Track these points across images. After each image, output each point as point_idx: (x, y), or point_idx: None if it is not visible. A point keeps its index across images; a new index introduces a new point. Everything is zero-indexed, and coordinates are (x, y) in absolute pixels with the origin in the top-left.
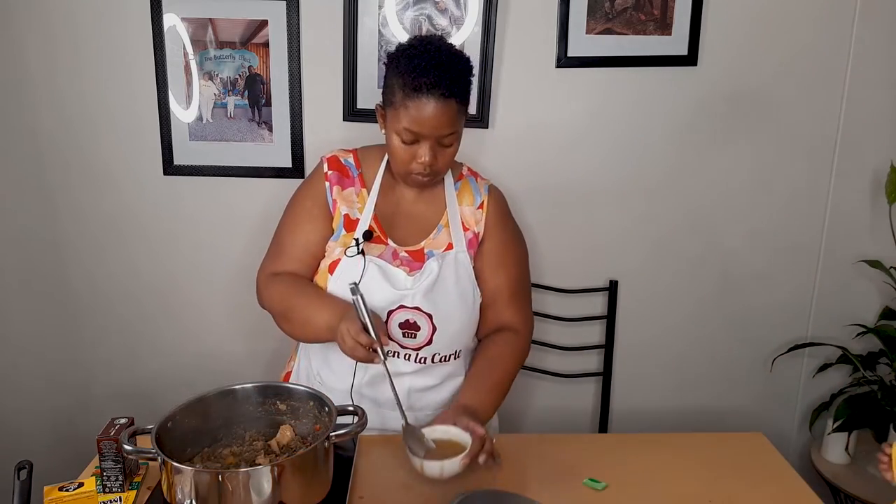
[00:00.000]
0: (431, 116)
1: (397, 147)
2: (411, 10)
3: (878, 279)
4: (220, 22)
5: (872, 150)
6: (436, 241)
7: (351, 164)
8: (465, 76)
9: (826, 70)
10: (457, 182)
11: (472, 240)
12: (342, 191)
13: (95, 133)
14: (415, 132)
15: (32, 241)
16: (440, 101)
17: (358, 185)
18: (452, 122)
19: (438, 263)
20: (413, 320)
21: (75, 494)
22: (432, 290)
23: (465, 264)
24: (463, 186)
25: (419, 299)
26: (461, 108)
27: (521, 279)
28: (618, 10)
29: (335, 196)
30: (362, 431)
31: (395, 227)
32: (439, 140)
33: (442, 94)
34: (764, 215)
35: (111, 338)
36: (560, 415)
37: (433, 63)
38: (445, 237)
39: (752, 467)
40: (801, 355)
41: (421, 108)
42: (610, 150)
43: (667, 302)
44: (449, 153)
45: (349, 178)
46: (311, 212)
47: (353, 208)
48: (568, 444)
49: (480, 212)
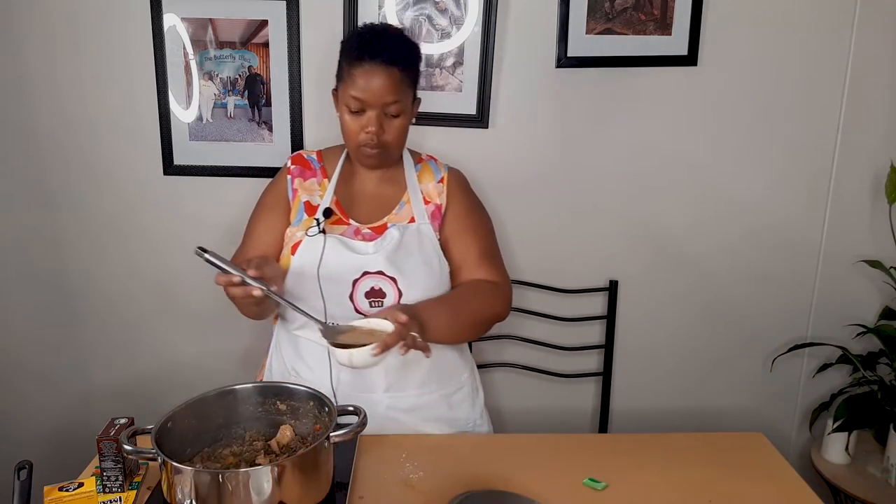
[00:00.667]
0: (374, 82)
1: (346, 120)
2: (411, 10)
3: (878, 279)
4: (220, 22)
5: (872, 150)
6: (398, 216)
7: (313, 159)
8: (409, 51)
9: (826, 70)
10: (417, 164)
11: (435, 212)
12: (304, 181)
13: (95, 133)
14: (360, 99)
15: (33, 240)
16: (382, 67)
17: (320, 176)
18: (396, 90)
19: (400, 232)
20: (378, 287)
21: (75, 494)
22: (395, 254)
23: (428, 235)
24: (423, 168)
25: (381, 262)
26: (406, 79)
27: (489, 244)
28: (618, 10)
29: (296, 186)
30: (362, 431)
31: (356, 208)
32: (385, 109)
33: (383, 61)
34: (764, 215)
35: (111, 338)
36: (560, 415)
37: (376, 35)
38: (408, 212)
39: (752, 467)
40: (801, 355)
41: (364, 74)
42: (610, 150)
43: (667, 302)
44: (397, 125)
45: (311, 170)
46: (270, 206)
47: (313, 195)
48: (568, 444)
49: (441, 185)
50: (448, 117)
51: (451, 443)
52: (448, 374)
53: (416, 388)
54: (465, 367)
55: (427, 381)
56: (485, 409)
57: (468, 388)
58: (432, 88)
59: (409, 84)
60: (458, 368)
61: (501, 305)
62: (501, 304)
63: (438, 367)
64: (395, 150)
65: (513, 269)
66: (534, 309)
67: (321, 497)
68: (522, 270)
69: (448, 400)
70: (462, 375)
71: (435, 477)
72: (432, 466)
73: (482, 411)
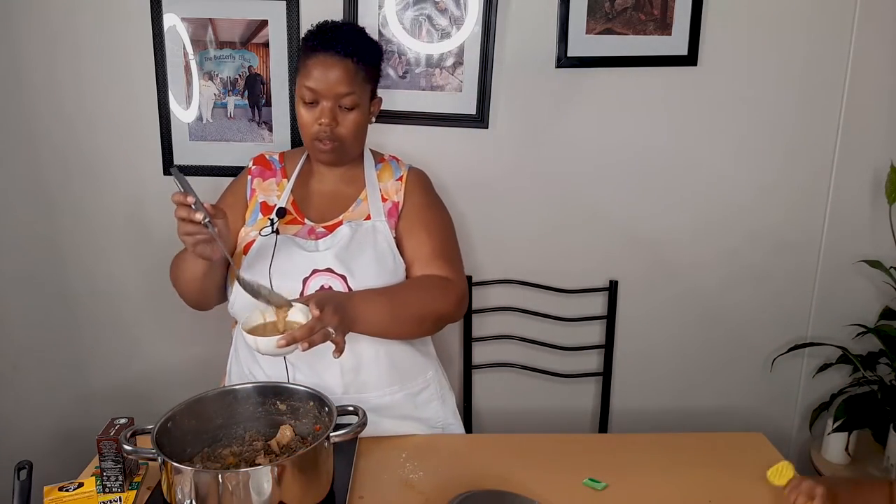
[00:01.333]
0: (327, 73)
1: (302, 113)
2: (411, 10)
3: (878, 279)
4: (220, 22)
5: (872, 150)
6: (354, 213)
7: (275, 160)
8: (366, 46)
9: (826, 70)
10: (378, 164)
11: (392, 209)
12: (262, 182)
13: (95, 133)
14: (313, 89)
15: (32, 241)
16: (335, 58)
17: (279, 176)
18: (349, 82)
19: (352, 229)
20: (328, 285)
21: (75, 494)
22: (345, 252)
23: (383, 232)
24: (384, 167)
25: (330, 260)
26: (361, 73)
27: (444, 242)
28: (618, 10)
29: (255, 186)
30: (362, 431)
31: (312, 207)
32: (339, 101)
33: (336, 52)
34: (764, 215)
35: (111, 338)
36: (560, 415)
37: (333, 28)
38: (364, 209)
39: (752, 467)
40: (801, 355)
41: (317, 64)
42: (610, 150)
43: (667, 302)
44: (351, 118)
45: (271, 171)
46: (229, 205)
47: (270, 195)
48: (568, 444)
49: (399, 183)
50: (448, 117)
51: (451, 443)
52: (410, 372)
53: (376, 390)
54: (428, 364)
55: (388, 381)
56: (457, 410)
57: (434, 387)
58: (432, 88)
59: (366, 79)
60: (421, 366)
61: (451, 304)
62: (451, 303)
63: (397, 367)
64: (351, 145)
65: (512, 269)
66: (534, 309)
67: (321, 497)
68: (522, 270)
69: (413, 399)
70: (426, 373)
71: (435, 477)
72: (432, 466)
73: (454, 412)
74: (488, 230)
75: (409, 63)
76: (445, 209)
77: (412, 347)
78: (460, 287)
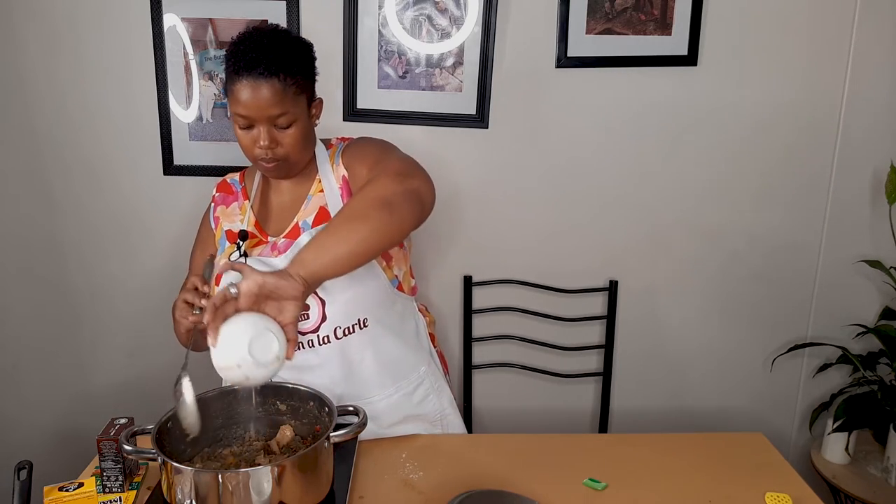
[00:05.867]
0: (254, 97)
1: (240, 135)
2: (411, 10)
3: (878, 279)
4: (220, 22)
5: (872, 150)
6: (306, 210)
7: (235, 181)
8: (290, 55)
9: (826, 70)
10: (328, 150)
11: (344, 182)
12: (226, 208)
13: (95, 133)
14: (243, 115)
15: (33, 241)
16: (260, 81)
17: (241, 199)
18: (279, 102)
19: (311, 235)
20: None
21: (75, 494)
22: None
23: None
24: (332, 153)
25: None
26: (290, 87)
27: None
28: (618, 11)
29: (218, 214)
30: (362, 432)
31: (271, 221)
32: (273, 122)
33: (260, 73)
34: (764, 215)
35: (111, 338)
36: (560, 415)
37: (251, 45)
38: (316, 202)
39: (752, 467)
40: (800, 355)
41: (243, 89)
42: (610, 150)
43: (667, 302)
44: (290, 135)
45: (232, 195)
46: (203, 238)
47: (234, 221)
48: (568, 444)
49: (340, 158)
50: (448, 117)
51: (451, 443)
52: (402, 371)
53: (371, 395)
54: (420, 360)
55: (381, 384)
56: (454, 400)
57: (429, 382)
58: (432, 88)
59: (298, 91)
60: (412, 363)
61: (391, 181)
62: (390, 180)
63: (388, 367)
64: (297, 158)
65: (513, 269)
66: (534, 309)
67: (321, 497)
68: (522, 270)
69: (410, 398)
70: (419, 369)
71: (435, 477)
72: (432, 466)
73: (451, 401)
74: (488, 230)
75: (409, 63)
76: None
77: (402, 344)
78: (391, 166)
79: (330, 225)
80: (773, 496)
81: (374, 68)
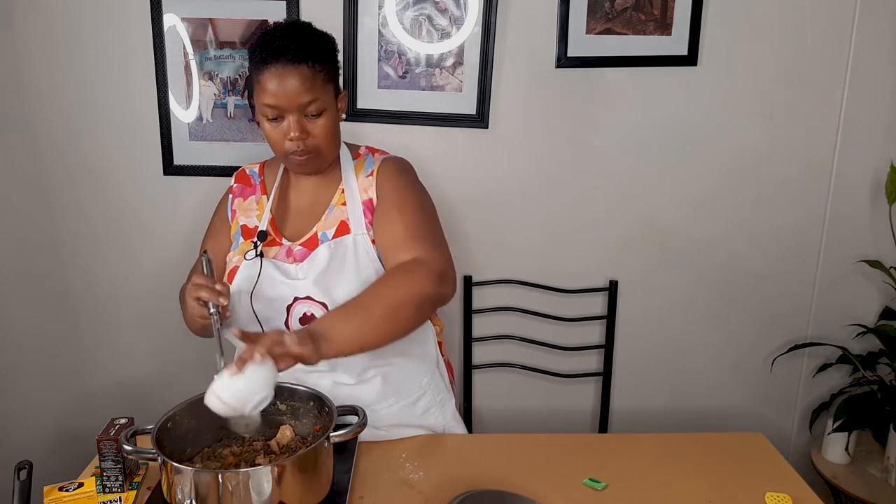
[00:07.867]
0: (283, 85)
1: (268, 130)
2: (411, 10)
3: (878, 279)
4: (220, 22)
5: (872, 150)
6: (327, 221)
7: (255, 173)
8: (318, 44)
9: (826, 70)
10: (354, 160)
11: (368, 203)
12: (243, 201)
13: (95, 133)
14: (274, 106)
15: (33, 241)
16: (289, 67)
17: (259, 193)
18: (310, 88)
19: (330, 250)
20: (310, 312)
21: (75, 494)
22: (324, 277)
23: (364, 246)
24: (359, 163)
25: (310, 288)
26: (319, 74)
27: (419, 222)
28: (618, 10)
29: (235, 207)
30: (362, 432)
31: (289, 223)
32: (303, 111)
33: (289, 60)
34: (764, 215)
35: (111, 338)
36: (560, 415)
37: (278, 34)
38: (337, 216)
39: (752, 467)
40: (800, 355)
41: (271, 78)
42: (610, 150)
43: (667, 302)
44: (321, 125)
45: (251, 187)
46: (216, 229)
47: (250, 217)
48: (568, 444)
49: (371, 178)
50: (448, 117)
51: (450, 443)
52: (403, 384)
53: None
54: (422, 371)
55: (382, 397)
56: (457, 413)
57: (431, 394)
58: (432, 88)
59: (327, 79)
60: (414, 375)
61: (431, 282)
62: (431, 281)
63: (389, 381)
64: (327, 150)
65: (512, 269)
66: (534, 309)
67: (321, 497)
68: (522, 270)
69: (412, 409)
70: (421, 381)
71: (435, 477)
72: (432, 466)
73: (454, 414)
74: (488, 230)
75: (409, 63)
76: (422, 190)
77: (403, 355)
78: (438, 264)
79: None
80: (773, 496)
81: (374, 68)
